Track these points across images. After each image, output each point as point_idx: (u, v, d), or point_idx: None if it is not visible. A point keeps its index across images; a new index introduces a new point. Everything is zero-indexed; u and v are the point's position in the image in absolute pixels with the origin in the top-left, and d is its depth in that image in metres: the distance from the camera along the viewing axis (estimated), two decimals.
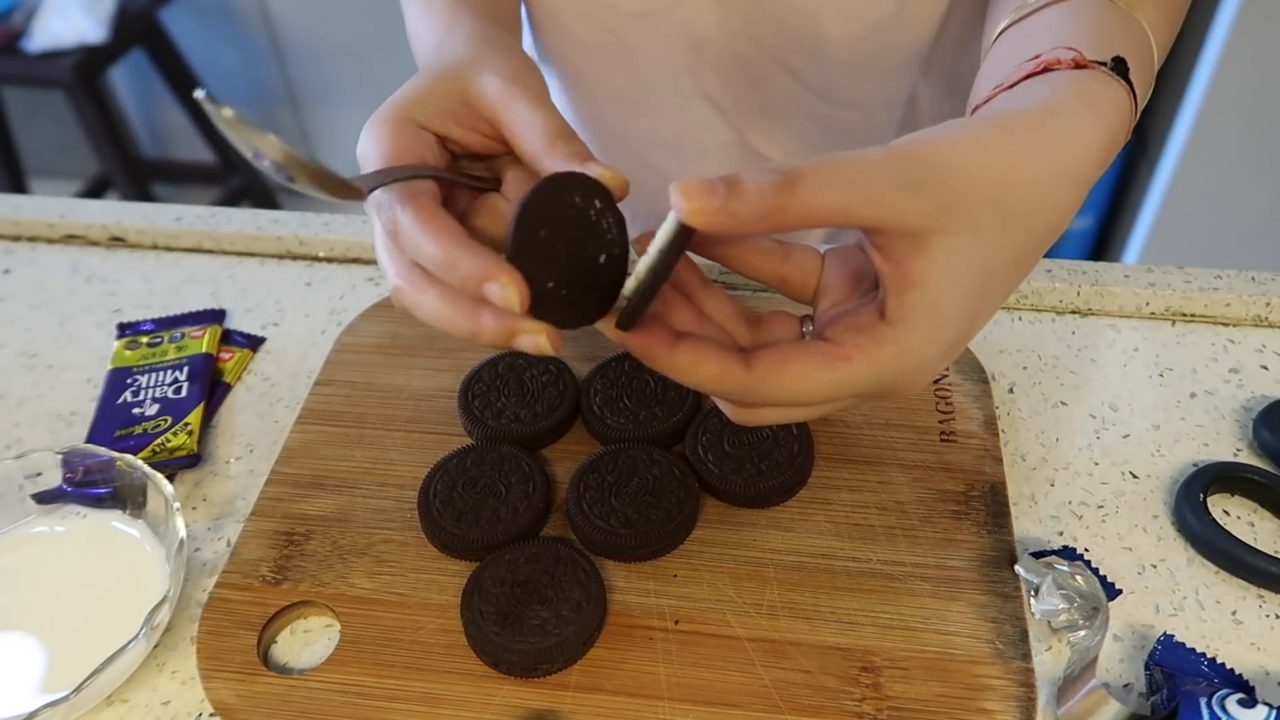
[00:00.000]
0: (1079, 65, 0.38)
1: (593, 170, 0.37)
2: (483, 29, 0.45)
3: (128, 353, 0.59)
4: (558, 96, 0.68)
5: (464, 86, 0.41)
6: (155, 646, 0.44)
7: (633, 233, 0.38)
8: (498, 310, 0.35)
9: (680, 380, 0.35)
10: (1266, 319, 0.60)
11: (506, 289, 0.34)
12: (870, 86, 0.63)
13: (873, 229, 0.34)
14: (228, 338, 0.60)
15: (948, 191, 0.33)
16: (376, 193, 0.38)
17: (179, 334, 0.60)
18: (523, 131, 0.40)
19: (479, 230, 0.41)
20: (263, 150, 0.34)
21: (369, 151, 0.39)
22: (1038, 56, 0.39)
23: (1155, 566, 0.47)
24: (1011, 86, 0.39)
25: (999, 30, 0.45)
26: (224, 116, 0.33)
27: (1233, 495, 0.50)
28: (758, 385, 0.34)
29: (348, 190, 0.36)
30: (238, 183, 2.23)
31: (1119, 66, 0.38)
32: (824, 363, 0.34)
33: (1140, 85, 0.40)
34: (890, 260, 0.34)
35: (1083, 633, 0.43)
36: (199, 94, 0.33)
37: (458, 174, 0.41)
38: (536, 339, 0.35)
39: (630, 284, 0.35)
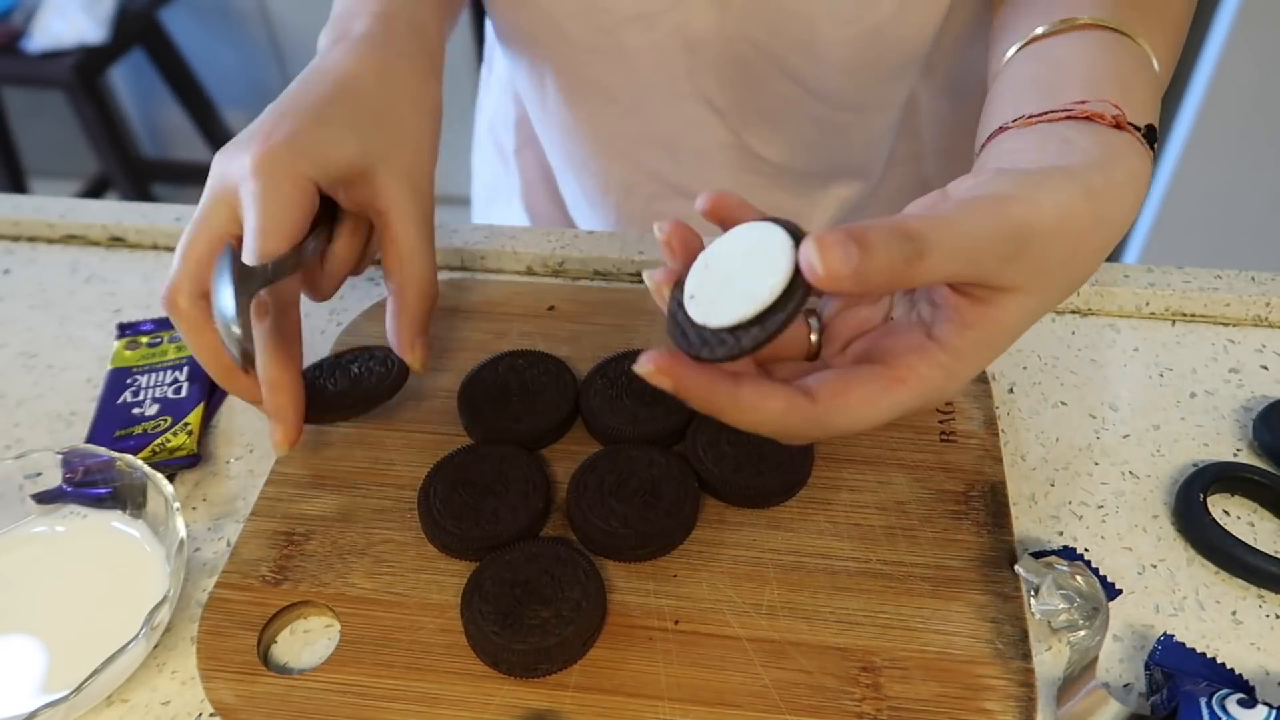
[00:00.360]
0: (1118, 125, 0.39)
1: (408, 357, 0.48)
2: (399, 44, 0.50)
3: (128, 353, 0.59)
4: (551, 98, 0.68)
5: (369, 167, 0.46)
6: (155, 646, 0.44)
7: (623, 223, 0.39)
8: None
9: (737, 420, 0.34)
10: (1266, 319, 0.60)
11: (281, 440, 0.46)
12: (868, 88, 0.63)
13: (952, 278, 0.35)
14: None
15: (1039, 260, 0.35)
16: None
17: (179, 334, 0.60)
18: (402, 268, 0.47)
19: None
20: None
21: (255, 196, 0.43)
22: (1084, 102, 0.40)
23: (1155, 566, 0.47)
24: (1053, 121, 0.40)
25: (1011, 49, 0.46)
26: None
27: (1233, 495, 0.50)
28: (824, 415, 0.34)
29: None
30: None
31: (1150, 135, 0.40)
32: (884, 388, 0.35)
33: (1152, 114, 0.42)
34: (964, 295, 0.35)
35: (1083, 633, 0.43)
36: None
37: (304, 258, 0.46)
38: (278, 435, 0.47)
39: (745, 342, 0.32)
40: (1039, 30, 0.45)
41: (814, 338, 0.39)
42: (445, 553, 0.47)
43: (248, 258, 0.43)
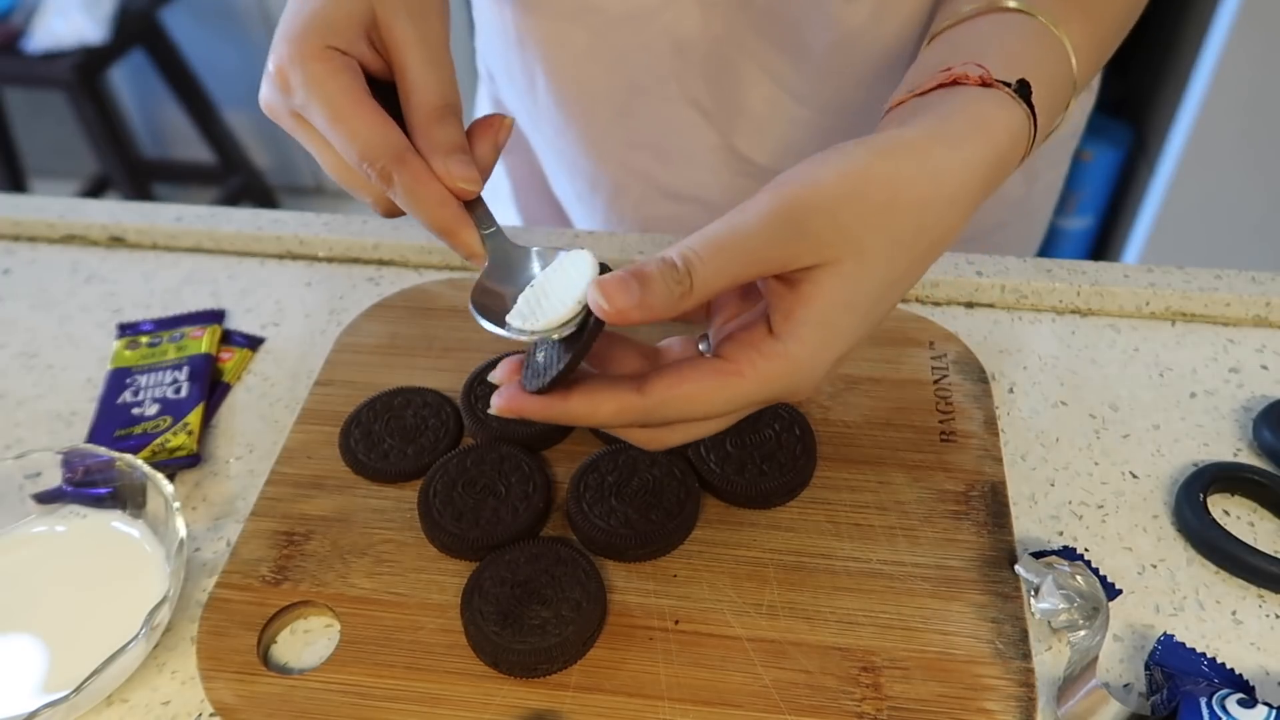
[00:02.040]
0: (984, 83, 0.40)
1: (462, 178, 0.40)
2: None
3: (128, 353, 0.59)
4: (542, 98, 0.68)
5: (371, 10, 0.43)
6: (155, 646, 0.44)
7: (613, 223, 0.40)
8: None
9: (587, 426, 0.37)
10: (1266, 319, 0.60)
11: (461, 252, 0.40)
12: (851, 93, 0.63)
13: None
14: (228, 338, 0.60)
15: (830, 229, 0.35)
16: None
17: (179, 334, 0.60)
18: (408, 93, 0.42)
19: None
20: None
21: (303, 82, 0.41)
22: (949, 69, 0.40)
23: (1155, 566, 0.47)
24: (923, 94, 0.41)
25: (934, 32, 0.47)
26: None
27: (1233, 495, 0.50)
28: (657, 408, 0.36)
29: None
30: (238, 183, 2.23)
31: (1022, 89, 0.40)
32: (717, 379, 0.36)
33: (1048, 108, 0.42)
34: (780, 281, 0.36)
35: (1083, 633, 0.43)
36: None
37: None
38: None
39: (546, 377, 0.36)
40: (964, 11, 0.45)
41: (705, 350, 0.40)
42: (445, 553, 0.47)
43: (346, 153, 0.41)
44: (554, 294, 0.37)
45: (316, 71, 0.41)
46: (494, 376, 0.38)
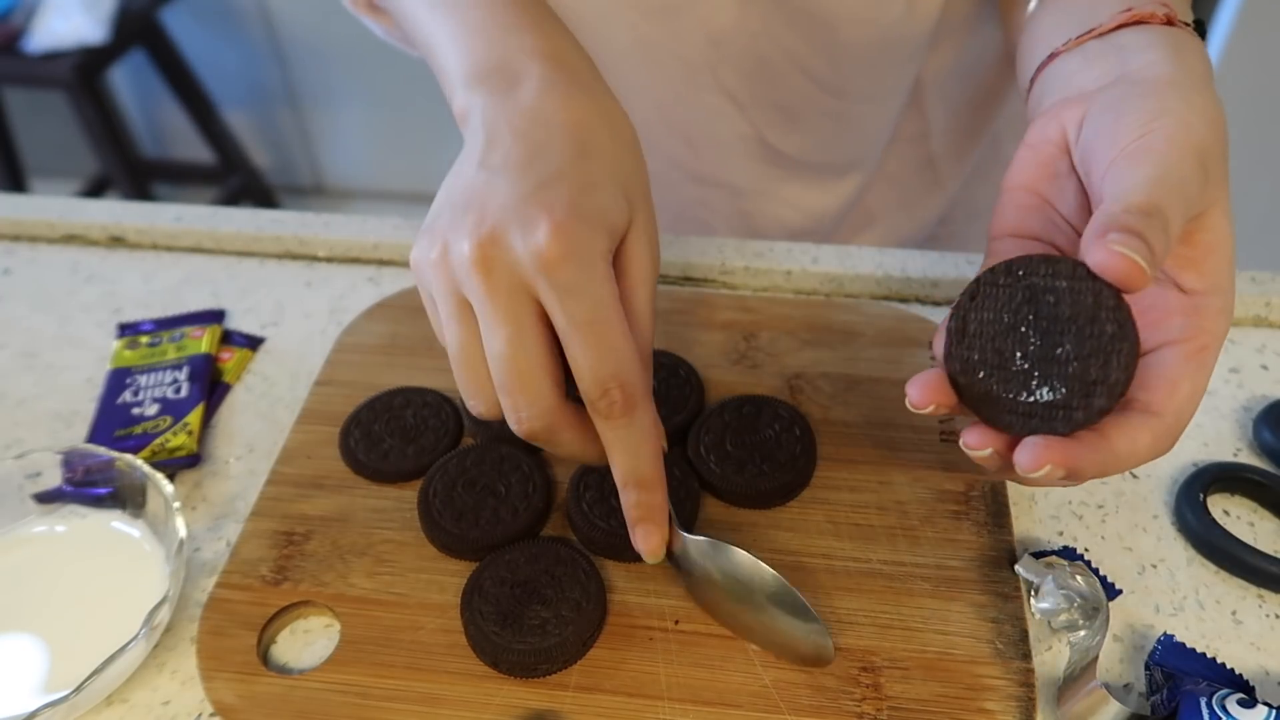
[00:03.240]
0: (1169, 22, 0.40)
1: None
2: (589, 75, 0.43)
3: (128, 353, 0.59)
4: None
5: (629, 221, 0.39)
6: (155, 646, 0.44)
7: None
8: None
9: (1117, 469, 0.35)
10: (1266, 319, 0.60)
11: (653, 545, 0.40)
12: (882, 80, 0.64)
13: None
14: (228, 338, 0.60)
15: (1216, 170, 0.36)
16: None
17: (179, 334, 0.60)
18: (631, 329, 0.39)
19: None
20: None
21: (575, 276, 0.36)
22: (1130, 9, 0.40)
23: (1155, 566, 0.47)
24: (1104, 34, 0.41)
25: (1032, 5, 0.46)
26: None
27: (1233, 495, 0.50)
28: (1174, 423, 0.35)
29: None
30: (237, 183, 2.23)
31: (1200, 29, 0.41)
32: (1197, 362, 0.35)
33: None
34: (1183, 242, 0.36)
35: (1083, 633, 0.43)
36: None
37: None
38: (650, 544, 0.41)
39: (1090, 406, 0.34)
40: None
41: None
42: (445, 553, 0.47)
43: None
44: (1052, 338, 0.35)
45: (602, 272, 0.37)
46: (916, 400, 0.36)
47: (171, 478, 0.52)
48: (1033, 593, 0.44)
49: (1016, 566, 0.44)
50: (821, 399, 0.53)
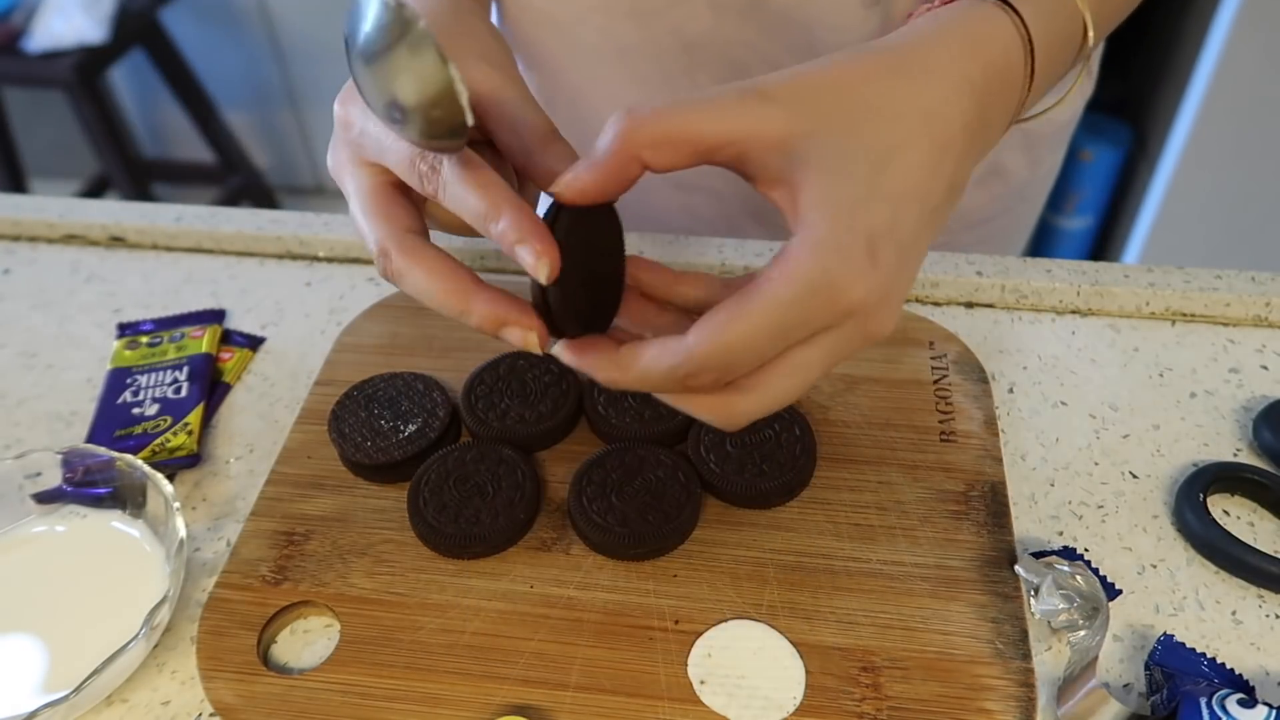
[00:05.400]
0: None
1: (596, 177, 0.36)
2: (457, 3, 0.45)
3: (128, 353, 0.59)
4: (546, 91, 0.68)
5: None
6: (155, 646, 0.44)
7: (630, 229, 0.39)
8: (492, 297, 0.36)
9: (627, 381, 0.35)
10: (1266, 319, 0.60)
11: (541, 259, 0.34)
12: None
13: (737, 156, 0.34)
14: (228, 338, 0.60)
15: (794, 95, 0.34)
16: (401, 144, 0.37)
17: (179, 334, 0.60)
18: (511, 128, 0.39)
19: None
20: (413, 92, 0.32)
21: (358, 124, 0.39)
22: None
23: (1155, 566, 0.47)
24: (910, 16, 0.41)
25: None
26: (409, 20, 0.31)
27: (1233, 495, 0.50)
28: (696, 347, 0.33)
29: (459, 132, 0.34)
30: (238, 183, 2.23)
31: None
32: (747, 297, 0.33)
33: (1048, 41, 0.40)
34: (774, 182, 0.35)
35: (1083, 633, 0.43)
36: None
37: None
38: (526, 335, 0.36)
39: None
40: None
41: None
42: (423, 543, 0.47)
43: None
44: None
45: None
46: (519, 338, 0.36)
47: (171, 478, 0.52)
48: (1033, 593, 0.44)
49: (1016, 566, 0.44)
50: (821, 399, 0.53)
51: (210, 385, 0.57)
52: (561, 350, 0.36)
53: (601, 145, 0.34)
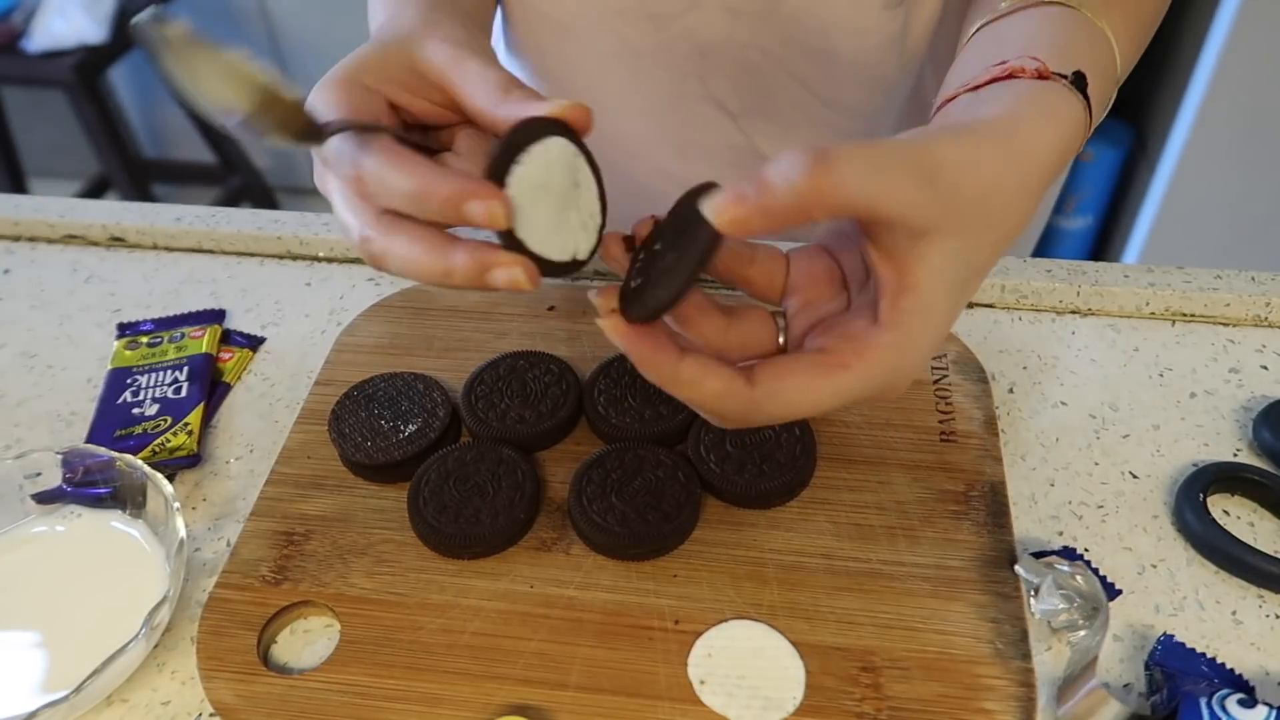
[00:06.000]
0: (1041, 76, 0.39)
1: (553, 107, 0.37)
2: (430, 4, 0.45)
3: (128, 353, 0.59)
4: (563, 94, 0.68)
5: (411, 53, 0.41)
6: (155, 646, 0.44)
7: (627, 220, 0.39)
8: (471, 246, 0.35)
9: (679, 393, 0.36)
10: (1266, 319, 0.60)
11: (490, 202, 0.34)
12: (877, 94, 0.63)
13: (884, 222, 0.34)
14: (228, 338, 0.60)
15: (951, 191, 0.34)
16: (334, 143, 0.37)
17: (179, 334, 0.60)
18: (473, 89, 0.40)
19: None
20: (224, 94, 0.32)
21: (321, 111, 0.38)
22: (1004, 62, 0.40)
23: (1155, 566, 0.47)
24: (977, 88, 0.40)
25: (974, 29, 0.46)
26: (170, 37, 0.30)
27: (1233, 495, 0.50)
28: (763, 400, 0.35)
29: (310, 133, 0.35)
30: (238, 183, 2.23)
31: (1078, 81, 0.39)
32: (823, 373, 0.35)
33: (1099, 98, 0.41)
34: (891, 262, 0.35)
35: (1083, 633, 0.43)
36: (141, 18, 0.30)
37: (410, 136, 0.40)
38: (511, 272, 0.35)
39: (661, 294, 0.34)
40: (1002, 7, 0.45)
41: (781, 338, 0.39)
42: (423, 543, 0.47)
43: None
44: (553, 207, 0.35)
45: (331, 93, 0.39)
46: (595, 299, 0.36)
47: (171, 478, 0.52)
48: (1033, 593, 0.44)
49: (1016, 566, 0.44)
50: None
51: (210, 385, 0.57)
52: (619, 331, 0.35)
53: (781, 183, 0.32)
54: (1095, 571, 0.44)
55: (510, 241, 0.35)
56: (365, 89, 0.40)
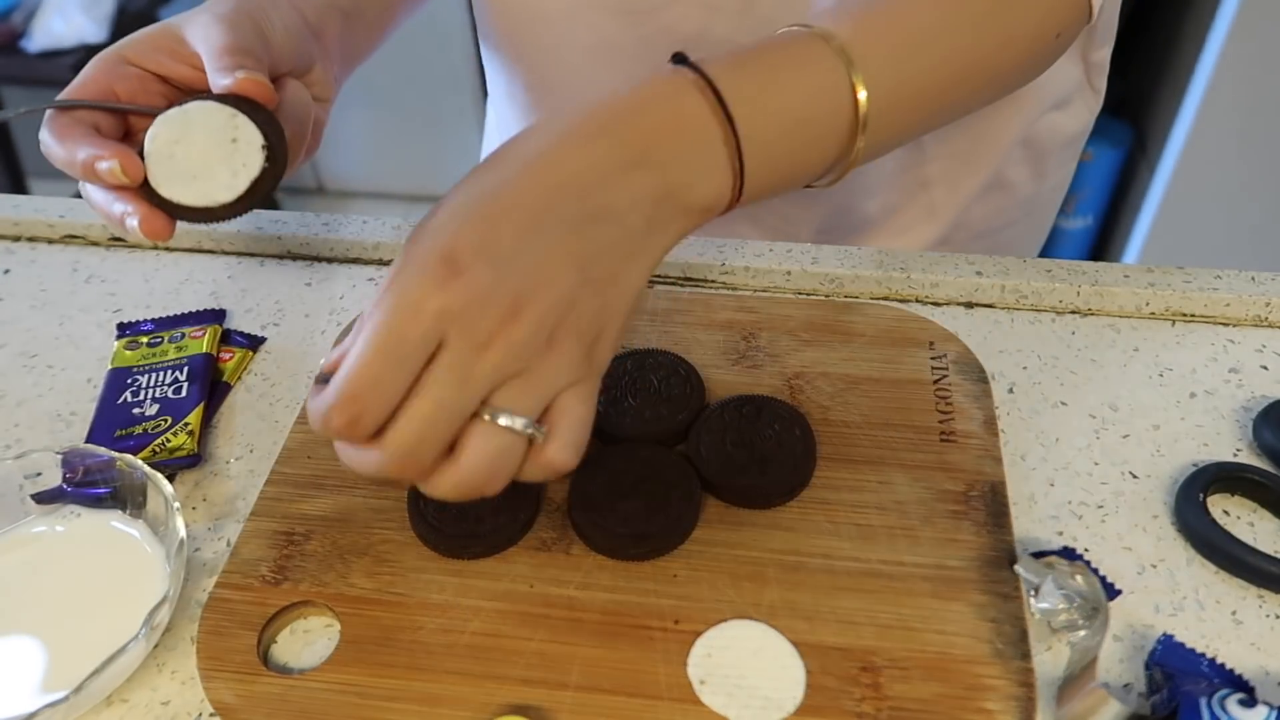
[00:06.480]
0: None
1: (235, 78, 0.43)
2: None
3: (128, 353, 0.59)
4: (532, 88, 0.68)
5: (179, 25, 0.48)
6: (155, 646, 0.44)
7: None
8: (121, 194, 0.44)
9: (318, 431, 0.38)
10: (1266, 319, 0.60)
11: (111, 161, 0.41)
12: None
13: None
14: (228, 338, 0.60)
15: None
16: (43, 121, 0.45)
17: (179, 334, 0.60)
18: (202, 53, 0.46)
19: None
20: None
21: (73, 83, 0.47)
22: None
23: (1155, 566, 0.47)
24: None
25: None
26: None
27: (1233, 495, 0.50)
28: (333, 389, 0.36)
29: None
30: None
31: (678, 59, 0.42)
32: (354, 335, 0.36)
33: (770, 107, 0.40)
34: None
35: (1083, 633, 0.43)
36: None
37: (134, 106, 0.47)
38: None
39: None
40: (782, 29, 0.44)
41: None
42: (423, 543, 0.47)
43: None
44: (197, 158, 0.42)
45: (87, 70, 0.47)
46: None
47: (171, 478, 0.52)
48: (1033, 593, 0.44)
49: (1016, 566, 0.44)
50: (821, 399, 0.53)
51: (210, 385, 0.57)
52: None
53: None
54: (1095, 571, 0.44)
55: (146, 190, 0.42)
56: (120, 61, 0.47)
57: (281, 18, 0.50)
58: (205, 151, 0.41)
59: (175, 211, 0.41)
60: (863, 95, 0.41)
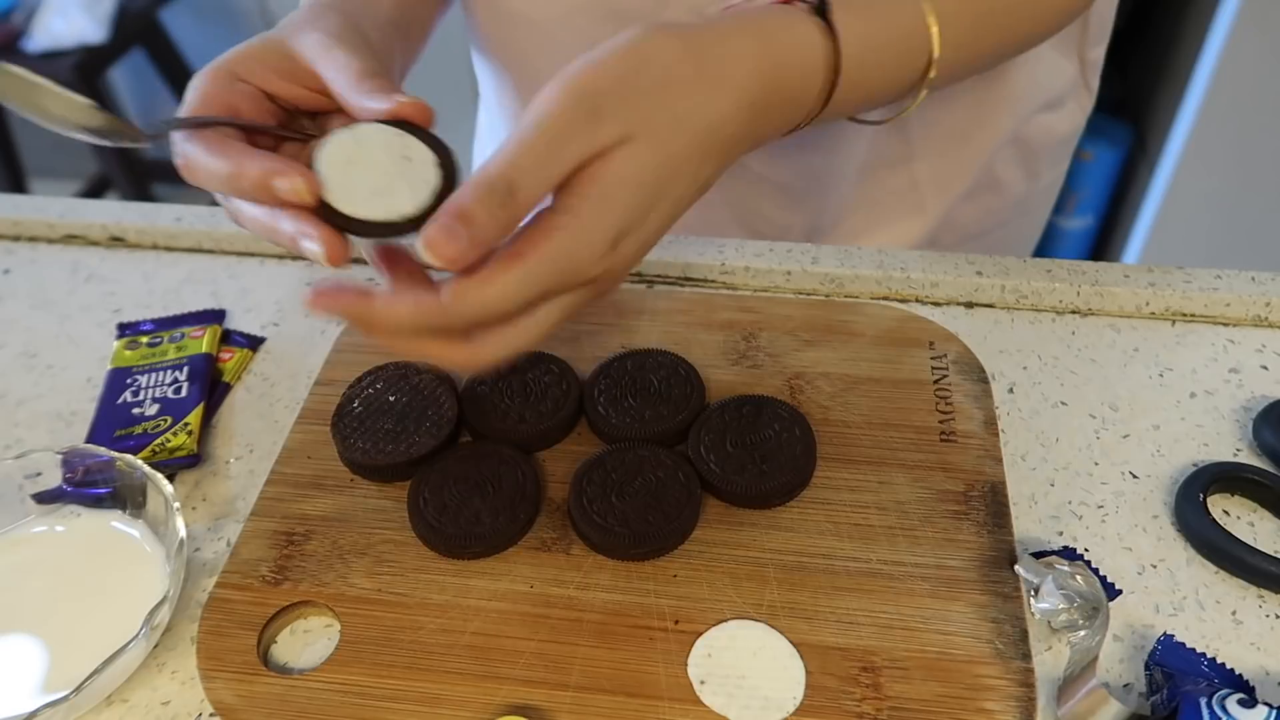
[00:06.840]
0: (785, 0, 0.43)
1: (396, 101, 0.41)
2: (323, 5, 0.48)
3: (128, 353, 0.59)
4: (521, 93, 0.68)
5: (286, 42, 0.45)
6: (155, 646, 0.44)
7: None
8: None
9: (384, 332, 0.38)
10: (1266, 319, 0.60)
11: (294, 178, 0.38)
12: None
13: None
14: (228, 338, 0.60)
15: (622, 107, 0.38)
16: (174, 135, 0.41)
17: (179, 334, 0.60)
18: (334, 76, 0.43)
19: None
20: (50, 108, 0.37)
21: (187, 98, 0.43)
22: None
23: (1155, 566, 0.47)
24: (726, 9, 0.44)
25: None
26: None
27: (1233, 495, 0.50)
28: (452, 305, 0.37)
29: (136, 134, 0.40)
30: None
31: (820, 7, 0.44)
32: (502, 266, 0.37)
33: (873, 44, 0.45)
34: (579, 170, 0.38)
35: (1083, 633, 0.43)
36: None
37: (265, 125, 0.44)
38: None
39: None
40: None
41: None
42: (423, 543, 0.47)
43: None
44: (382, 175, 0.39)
45: (198, 82, 0.43)
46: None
47: (171, 478, 0.52)
48: (1033, 593, 0.44)
49: (1016, 566, 0.44)
50: (821, 399, 0.53)
51: (210, 385, 0.57)
52: (311, 296, 0.38)
53: (490, 207, 0.36)
54: (1095, 571, 0.44)
55: (323, 208, 0.39)
56: (232, 77, 0.43)
57: (371, 36, 0.50)
58: (385, 169, 0.40)
59: (354, 228, 0.40)
60: (933, 24, 0.46)
